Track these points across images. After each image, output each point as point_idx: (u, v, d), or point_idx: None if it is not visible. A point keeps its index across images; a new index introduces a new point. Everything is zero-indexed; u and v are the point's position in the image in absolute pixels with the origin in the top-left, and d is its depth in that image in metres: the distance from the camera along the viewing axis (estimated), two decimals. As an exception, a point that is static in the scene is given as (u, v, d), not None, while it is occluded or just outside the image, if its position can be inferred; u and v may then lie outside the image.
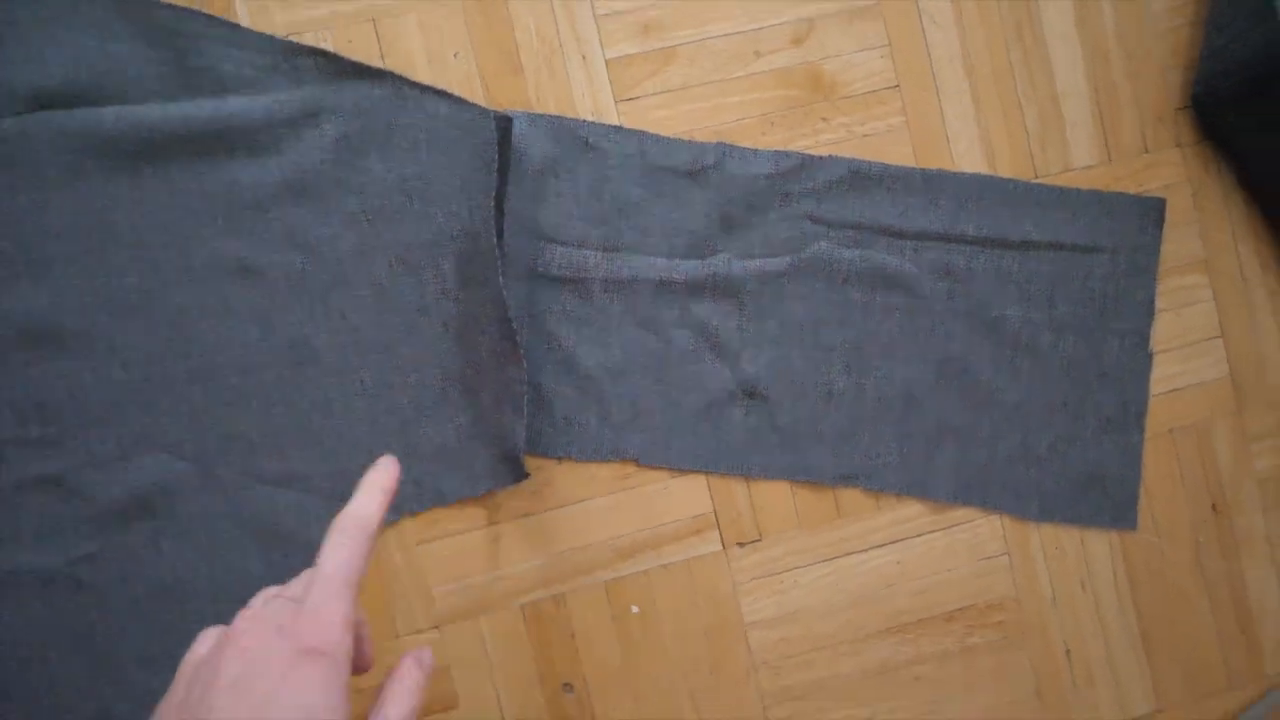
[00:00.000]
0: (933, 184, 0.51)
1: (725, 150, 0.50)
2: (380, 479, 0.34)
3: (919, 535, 0.51)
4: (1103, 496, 0.52)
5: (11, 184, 0.46)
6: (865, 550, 0.51)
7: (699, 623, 0.50)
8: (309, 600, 0.30)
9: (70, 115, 0.46)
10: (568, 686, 0.50)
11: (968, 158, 0.52)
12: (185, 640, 0.39)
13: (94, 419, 0.47)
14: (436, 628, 0.49)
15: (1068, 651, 0.53)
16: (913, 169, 0.51)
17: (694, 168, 0.50)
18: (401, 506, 0.48)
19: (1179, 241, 0.53)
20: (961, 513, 0.52)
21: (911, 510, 0.51)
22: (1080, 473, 0.52)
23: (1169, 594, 0.53)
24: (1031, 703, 0.52)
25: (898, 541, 0.51)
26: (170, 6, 0.47)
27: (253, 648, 0.29)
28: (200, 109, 0.47)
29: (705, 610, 0.50)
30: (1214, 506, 0.53)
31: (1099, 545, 0.53)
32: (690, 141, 0.50)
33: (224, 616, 0.31)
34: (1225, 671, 0.53)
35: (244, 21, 0.48)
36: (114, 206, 0.47)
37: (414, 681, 0.32)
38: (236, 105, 0.47)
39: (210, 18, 0.47)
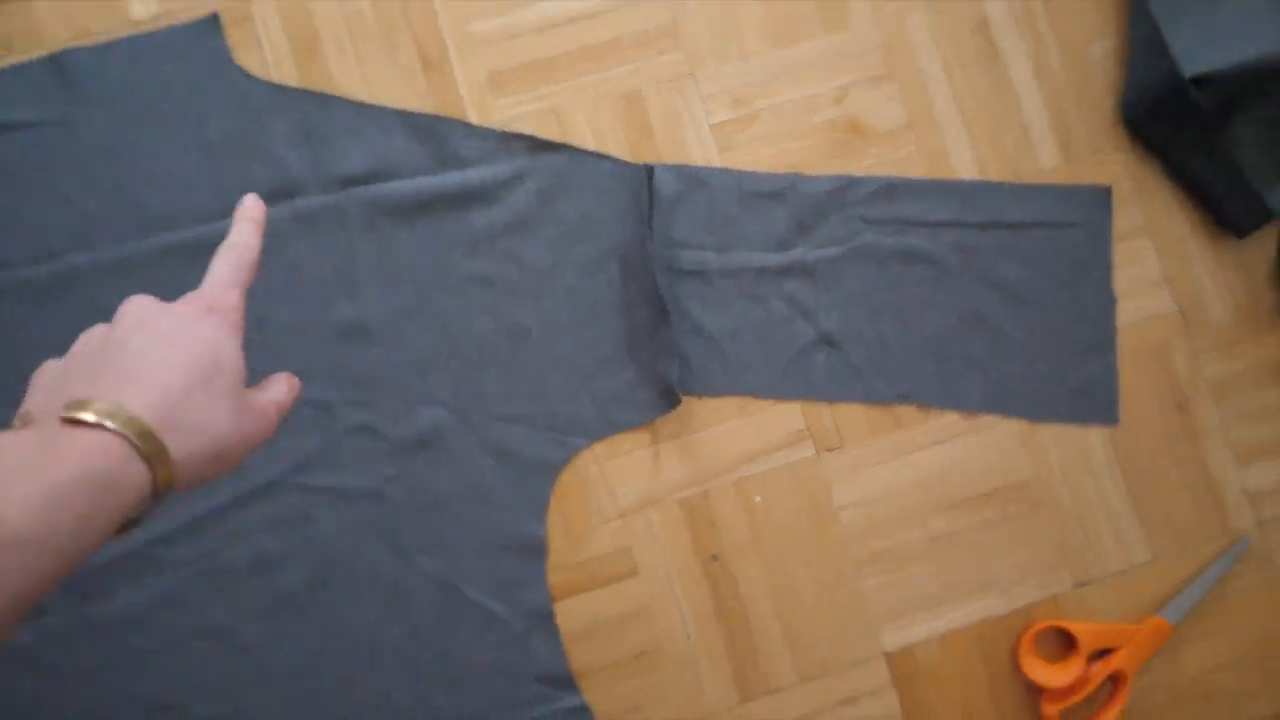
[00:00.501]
0: (943, 188, 0.73)
1: (796, 178, 0.73)
2: (247, 211, 0.39)
3: (958, 436, 0.72)
4: (1091, 401, 0.72)
5: (333, 235, 0.71)
6: (920, 450, 0.71)
7: (803, 506, 0.71)
8: (202, 288, 0.36)
9: (368, 189, 0.71)
10: (714, 558, 0.70)
11: (965, 169, 0.74)
12: (457, 533, 0.62)
13: (390, 386, 0.70)
14: (622, 517, 0.70)
15: (1078, 518, 0.71)
16: (928, 179, 0.73)
17: (775, 190, 0.73)
18: (591, 433, 0.71)
19: (1127, 216, 0.74)
20: (988, 419, 0.72)
21: (951, 419, 0.72)
22: (1073, 385, 0.72)
23: (1152, 471, 0.72)
24: (1055, 557, 0.71)
25: (943, 442, 0.71)
26: (427, 115, 0.72)
27: (150, 308, 0.34)
28: (450, 179, 0.72)
29: (807, 498, 0.71)
30: (1178, 405, 0.72)
31: (1094, 437, 0.72)
32: (772, 174, 0.73)
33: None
34: (1202, 526, 0.71)
35: (474, 119, 0.73)
36: (398, 246, 0.71)
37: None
38: (473, 174, 0.72)
39: (456, 120, 0.72)
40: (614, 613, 0.69)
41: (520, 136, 0.72)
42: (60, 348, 0.41)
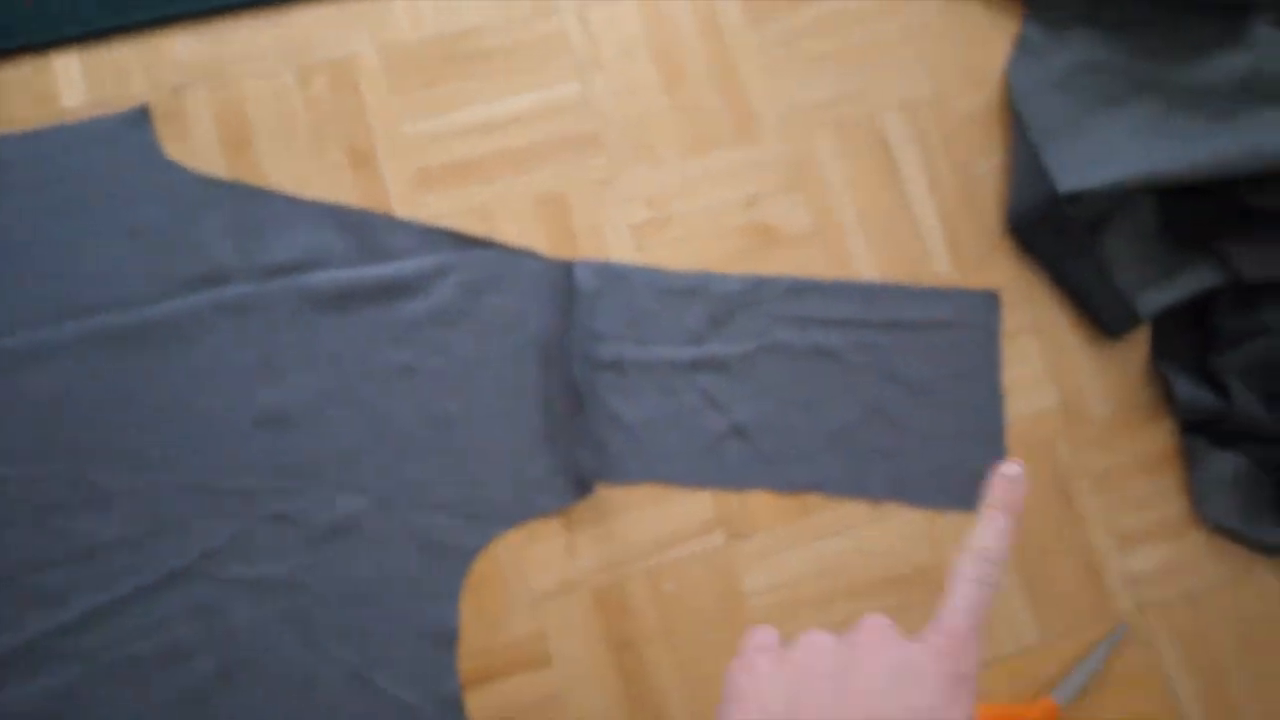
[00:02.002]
0: (847, 289, 0.78)
1: (709, 276, 0.78)
2: (1002, 496, 0.31)
3: (863, 524, 0.75)
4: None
5: (258, 324, 0.73)
6: (827, 537, 0.75)
7: (714, 593, 0.73)
8: (942, 619, 0.30)
9: (295, 279, 0.73)
10: (627, 644, 0.72)
11: (867, 272, 0.79)
12: (372, 622, 0.63)
13: (310, 474, 0.71)
14: (536, 604, 0.71)
15: (975, 603, 0.75)
16: (833, 281, 0.78)
17: (690, 288, 0.77)
18: (510, 519, 0.72)
19: (1014, 318, 0.80)
20: (892, 507, 0.76)
21: (856, 507, 0.75)
22: (968, 474, 0.76)
23: (1040, 557, 0.76)
24: (954, 642, 0.74)
25: (849, 529, 0.75)
26: (356, 209, 0.75)
27: (888, 637, 0.30)
28: (376, 270, 0.74)
29: (718, 584, 0.73)
30: (1062, 494, 0.78)
31: (987, 526, 0.76)
32: (687, 272, 0.77)
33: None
34: (1088, 609, 0.76)
35: (401, 214, 0.76)
36: (322, 334, 0.73)
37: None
38: (399, 267, 0.74)
39: (383, 215, 0.75)
40: (527, 700, 0.70)
41: (446, 232, 0.76)
42: None
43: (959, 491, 0.76)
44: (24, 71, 0.75)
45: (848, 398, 0.77)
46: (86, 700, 0.66)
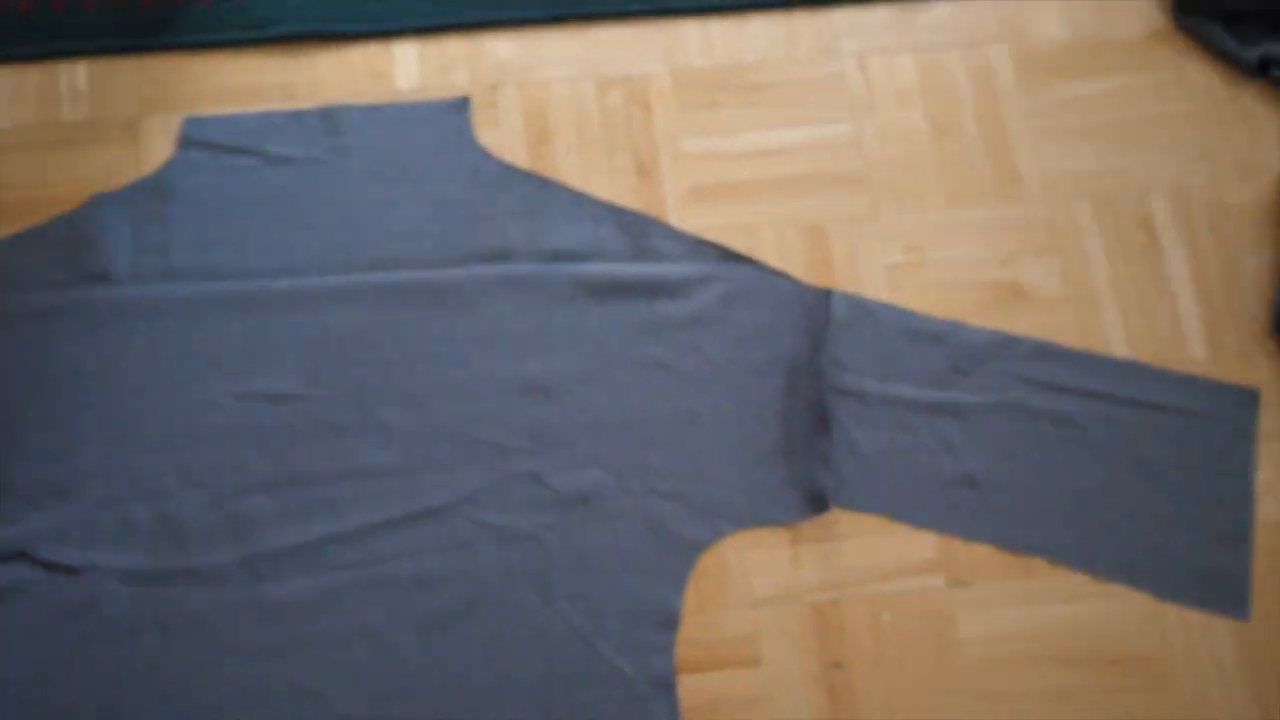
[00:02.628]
0: (1095, 361, 0.79)
1: (958, 325, 0.80)
2: None
3: (1086, 598, 0.74)
4: (1221, 590, 0.74)
5: (536, 301, 0.79)
6: (1048, 603, 0.74)
7: (928, 633, 0.73)
8: None
9: (573, 266, 0.80)
10: (838, 664, 0.73)
11: (1116, 346, 0.79)
12: (602, 590, 0.65)
13: (562, 443, 0.76)
14: (755, 607, 0.74)
15: (1201, 705, 0.72)
16: (1081, 350, 0.79)
17: (938, 333, 0.79)
18: (739, 521, 0.75)
19: (1271, 421, 0.78)
20: (1116, 587, 0.74)
21: (1080, 579, 0.75)
22: (1203, 570, 0.74)
23: (1277, 673, 0.73)
24: (1169, 735, 0.72)
25: (1071, 600, 0.74)
26: (635, 212, 0.81)
27: None
28: (646, 269, 0.80)
29: (933, 625, 0.73)
30: (1306, 606, 0.74)
31: (1221, 629, 0.74)
32: (936, 317, 0.80)
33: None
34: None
35: (675, 222, 0.82)
36: (590, 319, 0.79)
37: None
38: (667, 269, 0.80)
39: (657, 221, 0.81)
40: (733, 695, 0.72)
41: (713, 244, 0.81)
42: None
43: (1191, 586, 0.74)
44: (368, 54, 0.85)
45: (1084, 469, 0.77)
46: (347, 605, 0.72)
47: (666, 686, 0.71)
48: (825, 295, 0.79)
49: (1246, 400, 0.77)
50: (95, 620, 0.72)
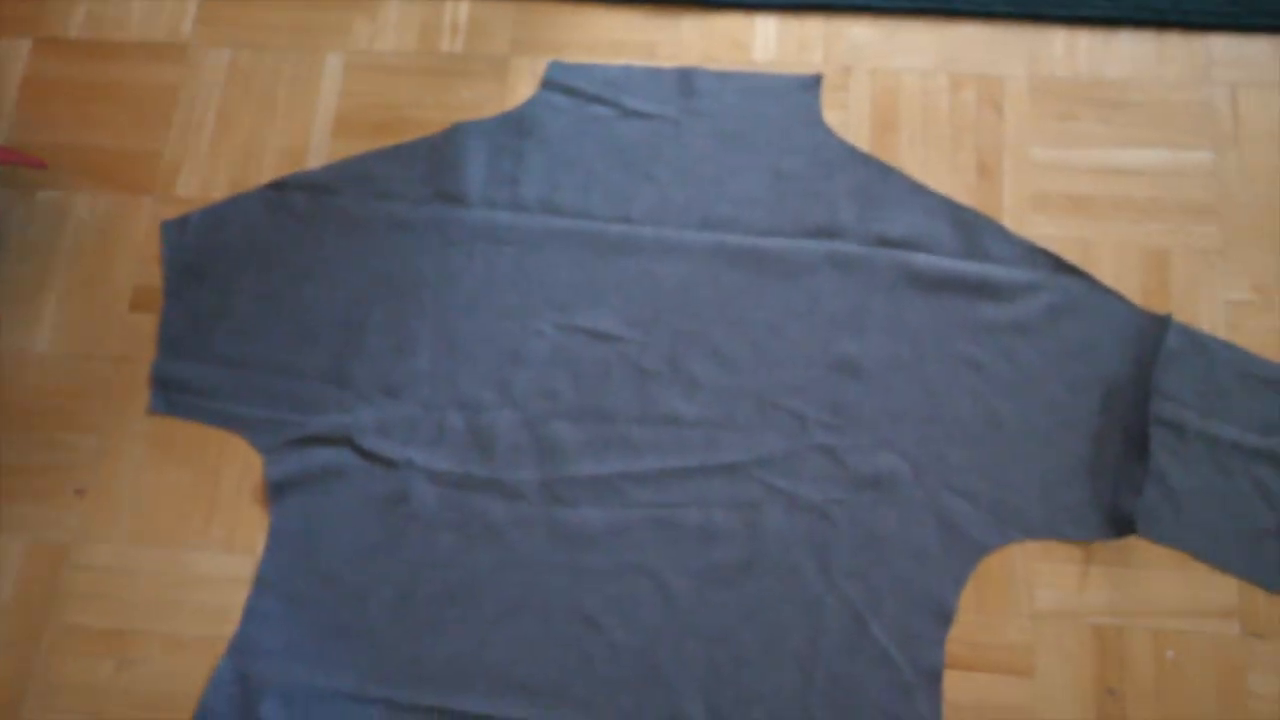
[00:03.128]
0: None
1: (1298, 375, 1.00)
2: None
3: (1396, 676, 0.93)
4: None
5: (857, 282, 1.05)
6: (1351, 673, 0.93)
7: (1214, 679, 0.94)
8: None
9: (900, 254, 1.05)
10: (1111, 691, 0.95)
11: None
12: (881, 574, 0.92)
13: (863, 423, 1.02)
14: (1034, 619, 0.97)
15: None
16: None
17: (1273, 379, 0.99)
18: (1031, 531, 0.98)
19: None
20: None
21: (1393, 656, 0.93)
22: None
23: None
24: None
25: (1378, 675, 0.93)
26: (970, 210, 1.06)
27: None
28: (974, 268, 1.04)
29: (1220, 672, 0.94)
30: None
31: None
32: (1275, 363, 1.00)
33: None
34: None
35: (1009, 226, 1.06)
36: (909, 308, 1.04)
37: None
38: (995, 271, 1.04)
39: (992, 221, 1.06)
40: (999, 701, 0.95)
41: (1047, 253, 1.04)
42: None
43: None
44: (730, 23, 1.15)
45: None
46: (632, 541, 1.00)
47: (934, 679, 0.95)
48: (1163, 322, 1.01)
49: None
50: (403, 513, 1.04)
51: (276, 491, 1.05)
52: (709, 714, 0.95)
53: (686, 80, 1.13)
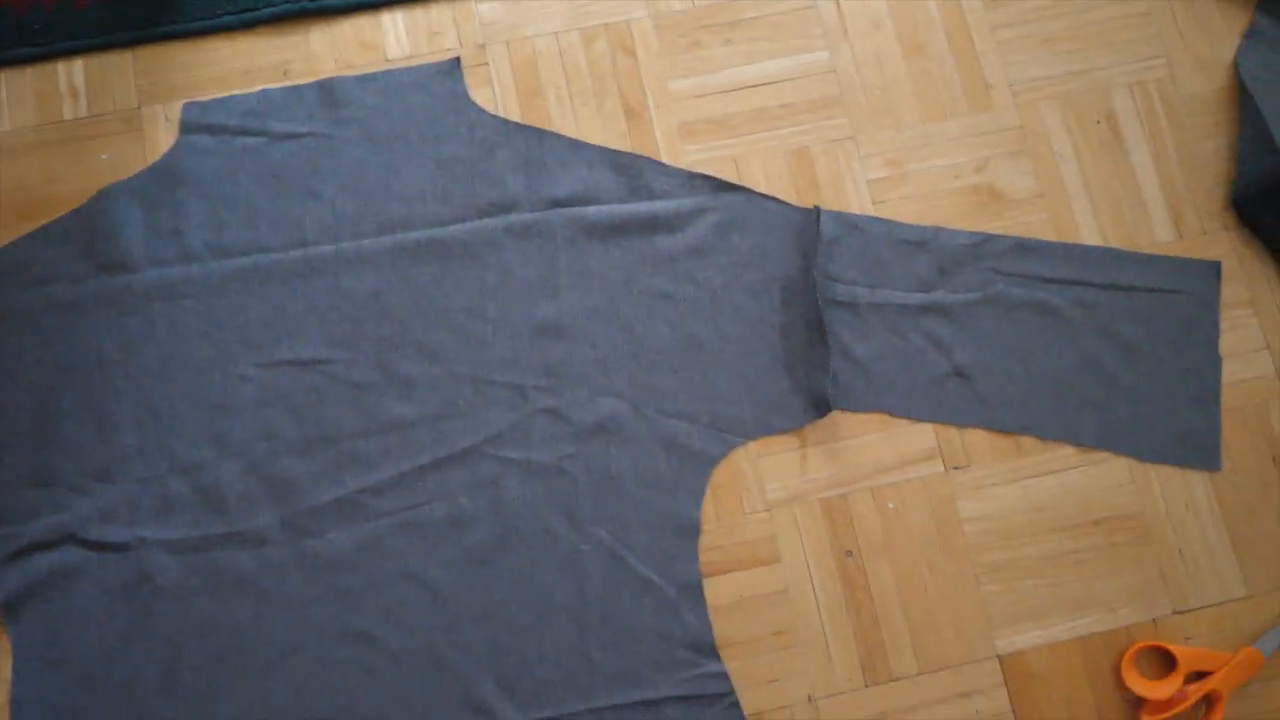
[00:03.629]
0: (1069, 251, 1.08)
1: (939, 230, 1.09)
2: None
3: (1073, 468, 1.04)
4: (1196, 448, 1.04)
5: (540, 247, 1.08)
6: (1039, 477, 1.04)
7: (932, 516, 1.03)
8: None
9: (572, 210, 1.08)
10: (849, 553, 1.02)
11: (1089, 236, 1.09)
12: (626, 510, 0.94)
13: (576, 377, 1.05)
14: (769, 509, 1.03)
15: (1179, 550, 1.02)
16: (1055, 242, 1.08)
17: (920, 240, 1.08)
18: (748, 433, 1.04)
19: (1233, 289, 1.08)
20: (1100, 455, 1.04)
21: (1067, 451, 1.04)
22: (1179, 431, 1.04)
23: (1249, 516, 1.03)
24: (1157, 584, 1.02)
25: (1059, 472, 1.04)
26: (628, 153, 1.10)
27: None
28: (642, 207, 1.09)
29: (935, 509, 1.03)
30: (1274, 458, 1.04)
31: (1197, 481, 1.04)
32: (918, 225, 1.09)
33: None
34: (1293, 568, 1.02)
35: (666, 160, 1.10)
36: (593, 260, 1.07)
37: None
38: (662, 205, 1.09)
39: (650, 160, 1.10)
40: (756, 593, 1.01)
41: (704, 177, 1.10)
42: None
43: (1168, 446, 1.04)
44: (358, 26, 1.13)
45: (1064, 351, 1.06)
46: (386, 550, 1.00)
47: (694, 590, 1.00)
48: (814, 214, 1.08)
49: (1210, 273, 1.07)
50: (149, 592, 1.00)
51: (10, 611, 0.98)
52: (499, 688, 0.97)
53: (328, 92, 1.11)
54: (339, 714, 0.96)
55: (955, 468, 1.04)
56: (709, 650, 0.99)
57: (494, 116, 1.11)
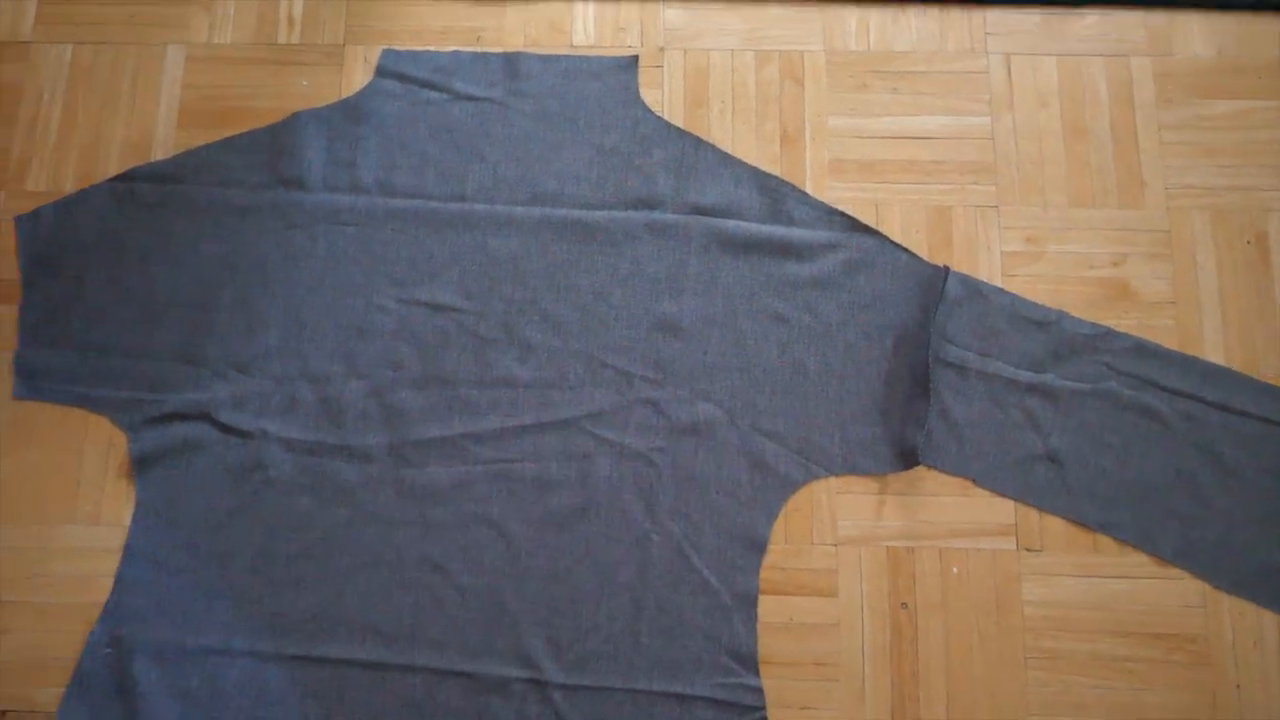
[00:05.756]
0: (1188, 363, 1.01)
1: (1063, 315, 1.03)
2: None
3: (1146, 577, 0.97)
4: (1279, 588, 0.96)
5: (674, 248, 1.05)
6: (1110, 577, 0.97)
7: (993, 589, 0.97)
8: None
9: (712, 220, 1.06)
10: (904, 605, 0.98)
11: (1213, 353, 1.01)
12: (701, 511, 0.91)
13: (682, 376, 1.03)
14: (836, 544, 0.99)
15: (1237, 685, 0.95)
16: (1177, 351, 1.01)
17: (1043, 320, 1.02)
18: (832, 468, 1.00)
19: (1353, 437, 0.99)
20: (1176, 571, 0.97)
21: (1142, 559, 0.97)
22: (1265, 567, 0.96)
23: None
24: (1207, 712, 0.94)
25: (1131, 578, 0.97)
26: (775, 177, 1.07)
27: None
28: (778, 231, 1.05)
29: (998, 583, 0.97)
30: (1357, 614, 0.95)
31: (1270, 622, 0.96)
32: (1043, 305, 1.03)
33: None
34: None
35: (810, 190, 1.07)
36: (722, 270, 1.05)
37: None
38: (796, 233, 1.05)
39: (795, 187, 1.06)
40: (807, 621, 0.97)
41: (843, 214, 1.06)
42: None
43: (1246, 579, 0.96)
44: (551, 9, 1.13)
45: (1162, 459, 0.99)
46: (475, 494, 1.00)
47: (749, 603, 0.97)
48: (942, 272, 1.03)
49: (1334, 417, 0.99)
50: (260, 480, 1.02)
51: (141, 465, 1.02)
52: (549, 646, 0.96)
53: (512, 64, 1.11)
54: (400, 631, 0.97)
55: (1028, 549, 0.98)
56: (751, 663, 0.96)
57: (658, 117, 1.09)
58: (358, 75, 1.11)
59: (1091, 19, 1.10)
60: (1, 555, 1.00)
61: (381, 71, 1.12)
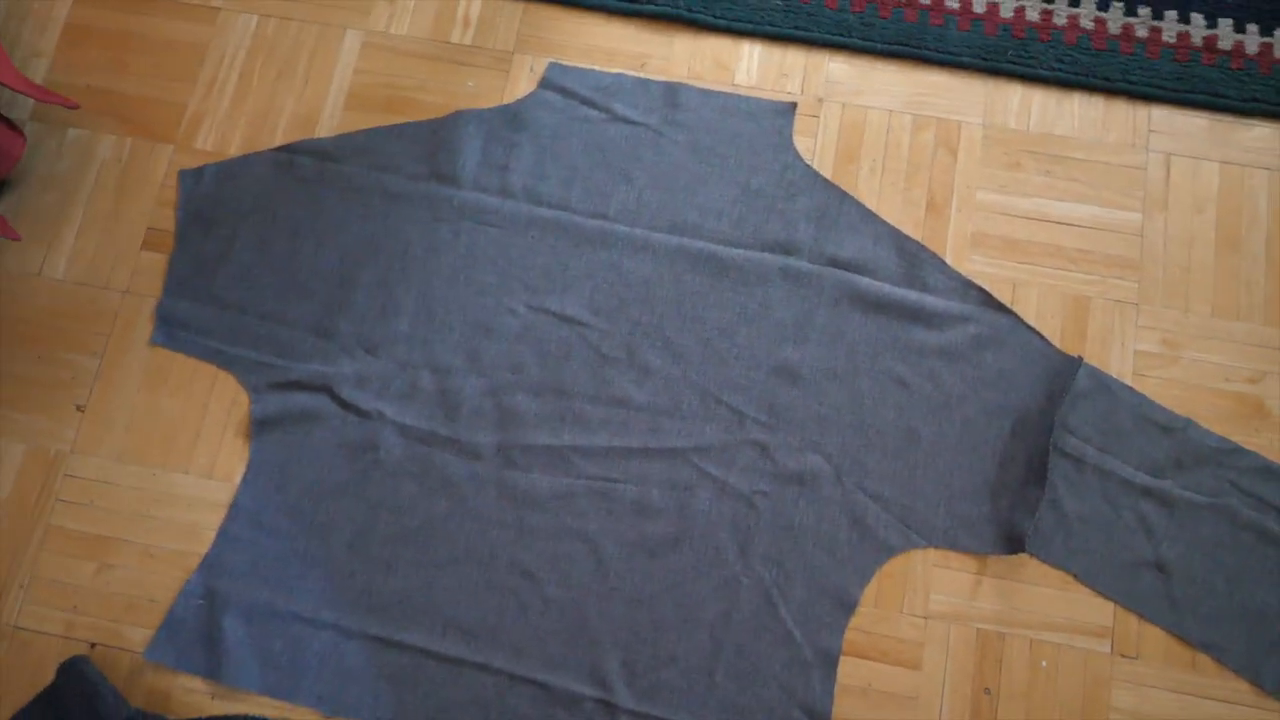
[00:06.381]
0: (1318, 494, 0.96)
1: (1190, 423, 0.99)
2: None
3: (1245, 706, 0.92)
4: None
5: (805, 296, 1.04)
6: (1206, 700, 0.93)
7: (1081, 691, 0.94)
8: None
9: (846, 275, 1.04)
10: (988, 690, 0.94)
11: (1346, 488, 0.96)
12: (794, 561, 0.88)
13: (794, 425, 1.01)
14: (926, 617, 0.96)
15: (1326, 832, 0.90)
16: (1308, 480, 0.96)
17: (1169, 425, 0.99)
18: (933, 539, 0.98)
19: None
20: (1277, 705, 0.92)
21: (1243, 687, 0.93)
22: (1369, 715, 0.91)
23: None
24: None
25: (1229, 704, 0.92)
26: (916, 241, 1.05)
27: None
28: (911, 295, 1.03)
29: (1087, 686, 0.94)
30: None
31: (1369, 771, 0.91)
32: (1171, 411, 0.99)
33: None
34: None
35: (949, 260, 1.05)
36: (849, 325, 1.03)
37: None
38: (929, 300, 1.03)
39: (934, 255, 1.04)
40: (886, 689, 0.95)
41: (979, 289, 1.03)
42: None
43: (1354, 725, 0.91)
44: (718, 46, 1.13)
45: (1276, 588, 0.94)
46: (574, 507, 1.00)
47: (830, 661, 0.95)
48: (1074, 362, 1.00)
49: None
50: (370, 459, 1.03)
51: (259, 428, 1.04)
52: (625, 669, 0.95)
53: (672, 94, 1.11)
54: (482, 630, 0.97)
55: (1123, 654, 0.94)
56: (823, 720, 0.94)
57: (807, 165, 1.08)
58: (522, 83, 1.13)
59: (1261, 130, 1.06)
60: (122, 493, 1.02)
61: (545, 83, 1.13)
